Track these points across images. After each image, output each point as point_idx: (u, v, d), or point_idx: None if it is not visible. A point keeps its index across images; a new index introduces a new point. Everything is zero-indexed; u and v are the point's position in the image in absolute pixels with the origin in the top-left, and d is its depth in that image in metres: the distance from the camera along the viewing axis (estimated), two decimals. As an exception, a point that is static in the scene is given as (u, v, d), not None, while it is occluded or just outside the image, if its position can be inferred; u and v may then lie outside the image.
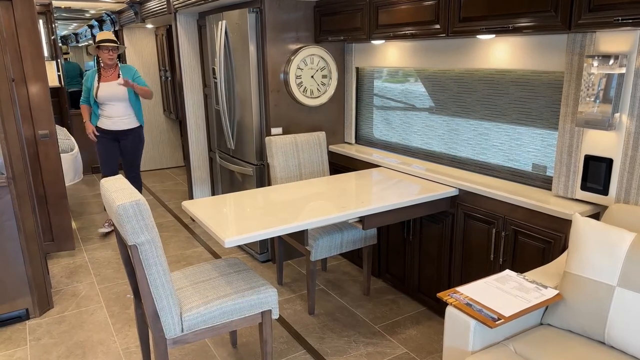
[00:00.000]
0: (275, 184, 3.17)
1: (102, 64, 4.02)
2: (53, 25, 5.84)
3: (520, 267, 2.33)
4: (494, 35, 2.42)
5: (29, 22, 3.39)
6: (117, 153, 4.19)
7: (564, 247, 2.12)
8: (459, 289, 1.80)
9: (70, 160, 4.49)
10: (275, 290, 2.18)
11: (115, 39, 4.00)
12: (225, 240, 1.98)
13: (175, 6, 4.20)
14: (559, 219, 2.13)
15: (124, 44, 6.30)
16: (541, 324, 1.86)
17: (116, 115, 4.05)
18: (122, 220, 1.76)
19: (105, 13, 6.40)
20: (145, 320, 2.24)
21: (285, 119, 3.47)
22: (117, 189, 1.88)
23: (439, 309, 2.87)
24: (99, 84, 3.97)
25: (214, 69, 3.84)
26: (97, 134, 4.02)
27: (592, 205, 2.15)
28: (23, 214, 2.81)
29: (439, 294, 1.78)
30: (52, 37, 5.87)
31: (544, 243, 2.21)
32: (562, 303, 1.77)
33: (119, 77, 4.02)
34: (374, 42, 3.19)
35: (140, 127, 4.21)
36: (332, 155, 3.63)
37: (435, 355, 2.54)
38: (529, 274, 1.95)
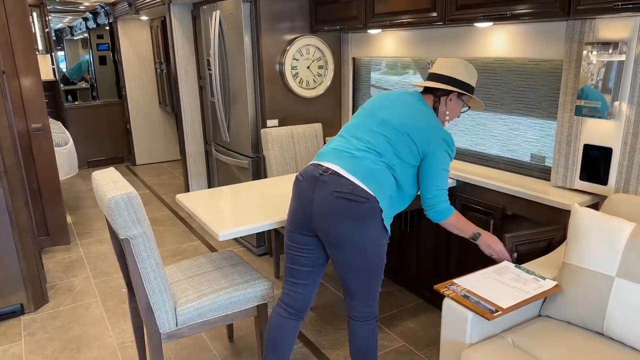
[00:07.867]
0: (272, 177, 3.14)
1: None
2: (47, 18, 5.78)
3: (519, 259, 2.30)
4: (491, 23, 2.39)
5: (20, 13, 3.34)
6: None
7: (562, 238, 2.09)
8: (456, 280, 1.78)
9: (65, 154, 4.45)
10: (270, 283, 2.16)
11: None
12: (220, 233, 1.95)
13: (169, -3, 4.15)
14: (557, 210, 2.10)
15: (118, 37, 6.21)
16: (539, 315, 1.84)
17: None
18: (114, 214, 1.72)
19: (99, 5, 6.35)
20: (140, 314, 2.21)
21: (281, 111, 3.43)
22: (108, 182, 1.85)
23: (437, 301, 2.85)
24: None
25: (208, 60, 3.79)
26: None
27: (591, 195, 2.12)
28: (16, 208, 2.77)
29: (436, 286, 1.76)
30: (46, 30, 5.81)
31: (543, 234, 2.19)
32: (561, 294, 1.75)
33: None
34: (371, 31, 3.15)
35: None
36: (328, 147, 3.59)
37: (433, 347, 2.53)
38: (527, 265, 1.93)
